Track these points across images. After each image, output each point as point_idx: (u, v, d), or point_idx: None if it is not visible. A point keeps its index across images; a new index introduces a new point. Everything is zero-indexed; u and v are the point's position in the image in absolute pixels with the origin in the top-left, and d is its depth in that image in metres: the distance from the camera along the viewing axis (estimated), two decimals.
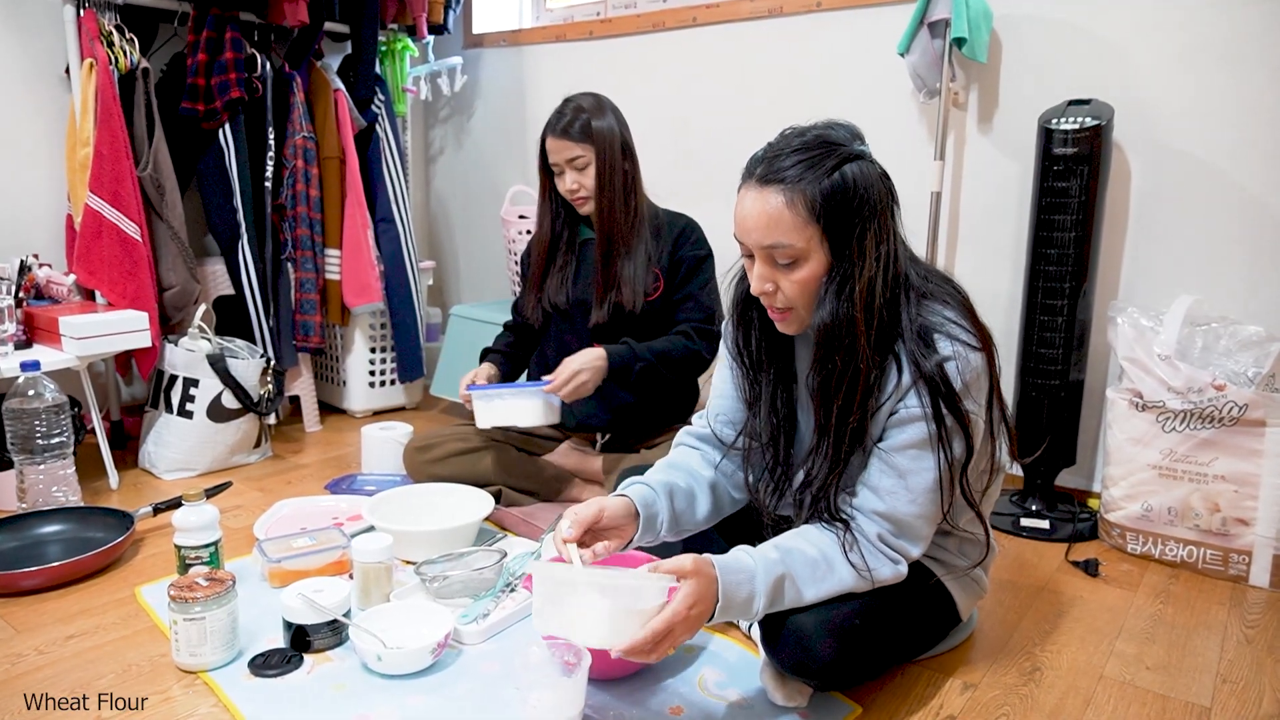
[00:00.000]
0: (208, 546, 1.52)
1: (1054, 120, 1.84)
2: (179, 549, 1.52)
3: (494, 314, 2.63)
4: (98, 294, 2.20)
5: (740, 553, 1.15)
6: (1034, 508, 1.97)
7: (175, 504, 1.78)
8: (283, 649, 1.37)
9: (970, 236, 2.21)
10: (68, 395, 1.91)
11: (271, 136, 2.46)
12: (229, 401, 2.22)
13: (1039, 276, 1.90)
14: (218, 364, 2.19)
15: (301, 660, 1.34)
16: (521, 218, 2.65)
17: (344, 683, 1.29)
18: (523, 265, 2.13)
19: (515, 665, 1.33)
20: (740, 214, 1.17)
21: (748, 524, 1.40)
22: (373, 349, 2.78)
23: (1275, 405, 1.64)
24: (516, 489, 1.95)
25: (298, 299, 2.56)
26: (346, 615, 1.38)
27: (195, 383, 2.19)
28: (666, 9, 2.63)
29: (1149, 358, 1.75)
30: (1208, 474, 1.70)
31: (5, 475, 1.93)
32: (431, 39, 2.97)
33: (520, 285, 2.19)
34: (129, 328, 2.06)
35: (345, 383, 2.80)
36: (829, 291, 1.15)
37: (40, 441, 1.83)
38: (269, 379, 2.31)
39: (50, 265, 2.27)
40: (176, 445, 2.20)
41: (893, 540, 1.18)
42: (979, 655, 1.42)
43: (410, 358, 2.78)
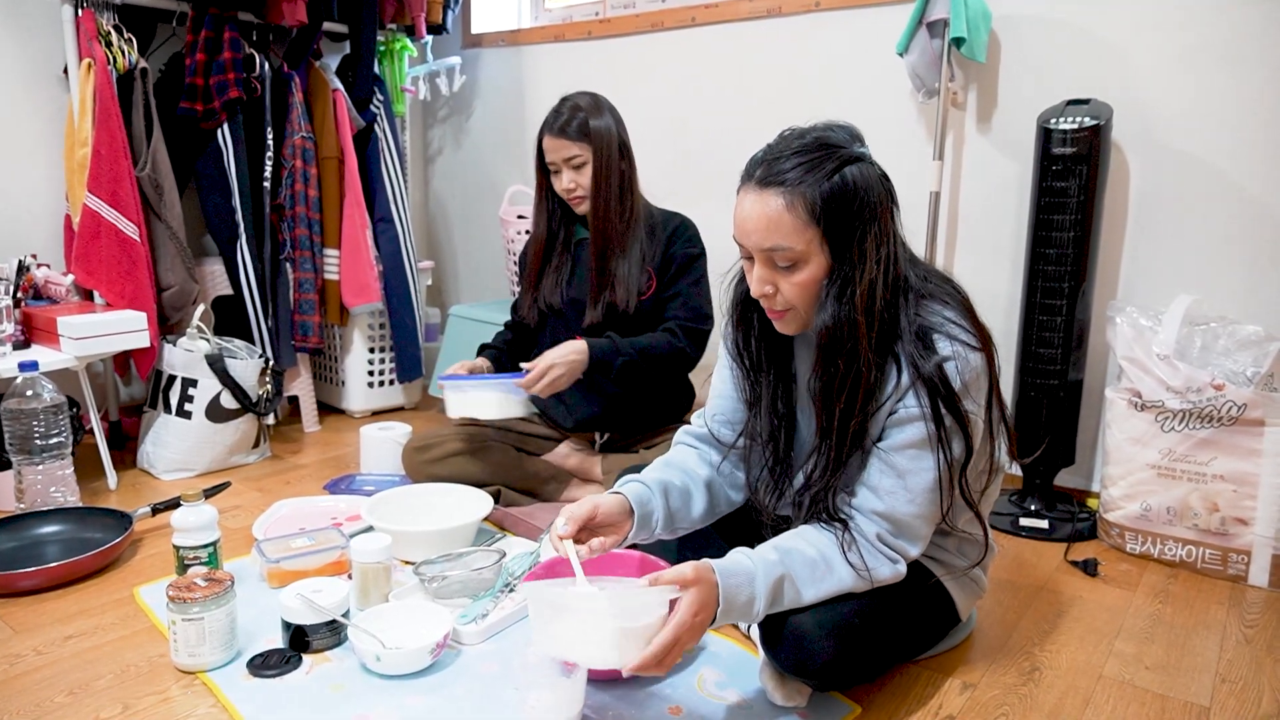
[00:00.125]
0: (206, 547, 1.52)
1: (1053, 120, 1.84)
2: (177, 549, 1.52)
3: (493, 314, 2.63)
4: (96, 294, 2.20)
5: (739, 555, 1.15)
6: (1033, 507, 1.97)
7: (174, 504, 1.78)
8: (281, 649, 1.37)
9: (969, 236, 2.21)
10: (66, 395, 1.91)
11: (270, 136, 2.46)
12: (228, 402, 2.22)
13: (1038, 276, 1.90)
14: (216, 364, 2.19)
15: (300, 660, 1.34)
16: (520, 217, 2.65)
17: (343, 683, 1.29)
18: (521, 265, 2.13)
19: (514, 665, 1.33)
20: (740, 216, 1.17)
21: (747, 524, 1.40)
22: (371, 349, 2.78)
23: (1274, 405, 1.64)
24: (515, 489, 1.95)
25: (296, 299, 2.55)
26: (345, 615, 1.38)
27: (194, 383, 2.19)
28: (665, 9, 2.63)
29: (1148, 357, 1.75)
30: (1207, 474, 1.71)
31: (3, 476, 1.93)
32: (430, 39, 2.97)
33: (519, 285, 2.19)
34: (127, 328, 2.06)
35: (344, 383, 2.80)
36: (829, 295, 1.15)
37: (38, 442, 1.83)
38: (268, 379, 2.31)
39: (48, 265, 2.27)
40: (175, 445, 2.19)
41: (891, 540, 1.18)
42: (978, 655, 1.42)
43: (409, 358, 2.78)
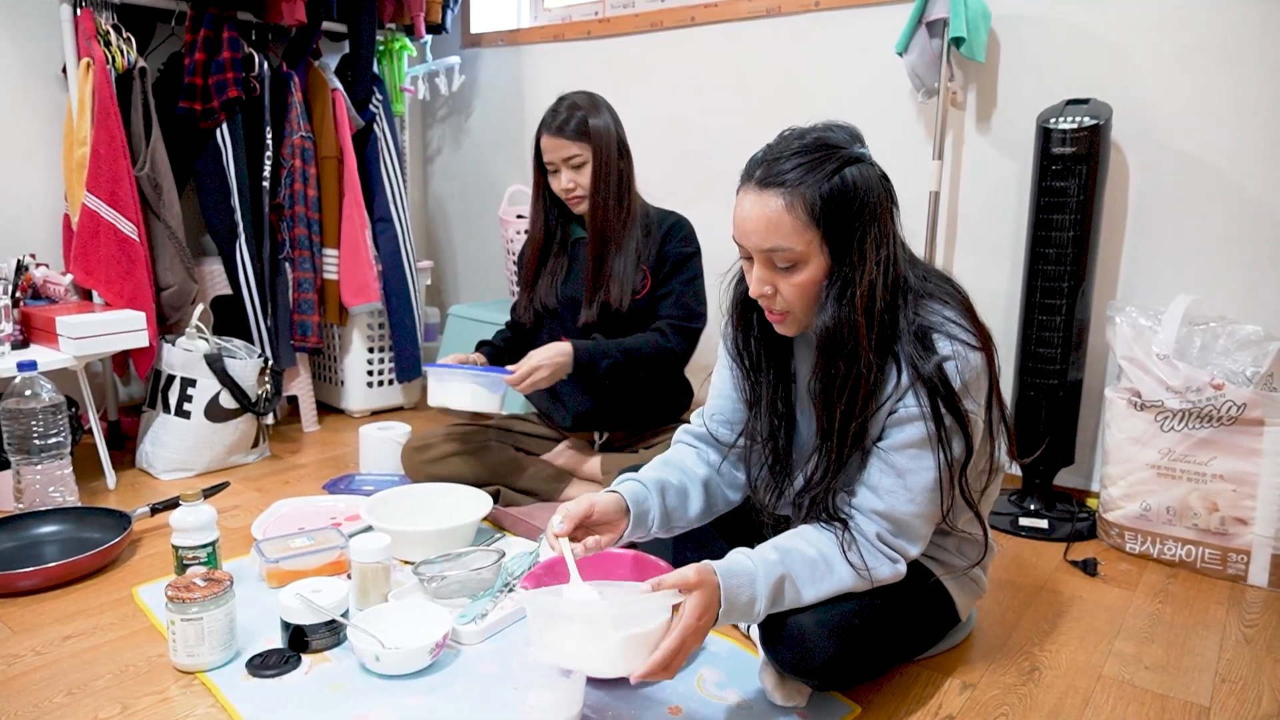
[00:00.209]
0: (205, 547, 1.52)
1: (1052, 120, 1.84)
2: (176, 549, 1.51)
3: (492, 314, 2.63)
4: (95, 294, 2.20)
5: (739, 555, 1.15)
6: (1032, 507, 1.97)
7: (173, 504, 1.78)
8: (281, 649, 1.36)
9: (968, 236, 2.20)
10: (65, 395, 1.90)
11: (269, 136, 2.46)
12: (227, 401, 2.22)
13: (1037, 276, 1.90)
14: (215, 364, 2.19)
15: (299, 660, 1.34)
16: (519, 217, 2.65)
17: (342, 683, 1.29)
18: (519, 265, 2.13)
19: (513, 665, 1.33)
20: (739, 217, 1.17)
21: (747, 524, 1.40)
22: (371, 349, 2.78)
23: (1273, 404, 1.64)
24: (515, 489, 1.95)
25: (295, 299, 2.55)
26: (344, 615, 1.38)
27: (193, 383, 2.19)
28: (664, 8, 2.63)
29: (1147, 357, 1.75)
30: (1206, 473, 1.71)
31: (2, 475, 1.92)
32: (429, 38, 2.96)
33: (518, 285, 2.19)
34: (126, 327, 2.06)
35: (343, 383, 2.80)
36: (829, 296, 1.14)
37: (37, 442, 1.82)
38: (267, 379, 2.31)
39: (47, 265, 2.27)
40: (174, 445, 2.19)
41: (891, 539, 1.18)
42: (978, 655, 1.42)
43: (408, 358, 2.77)
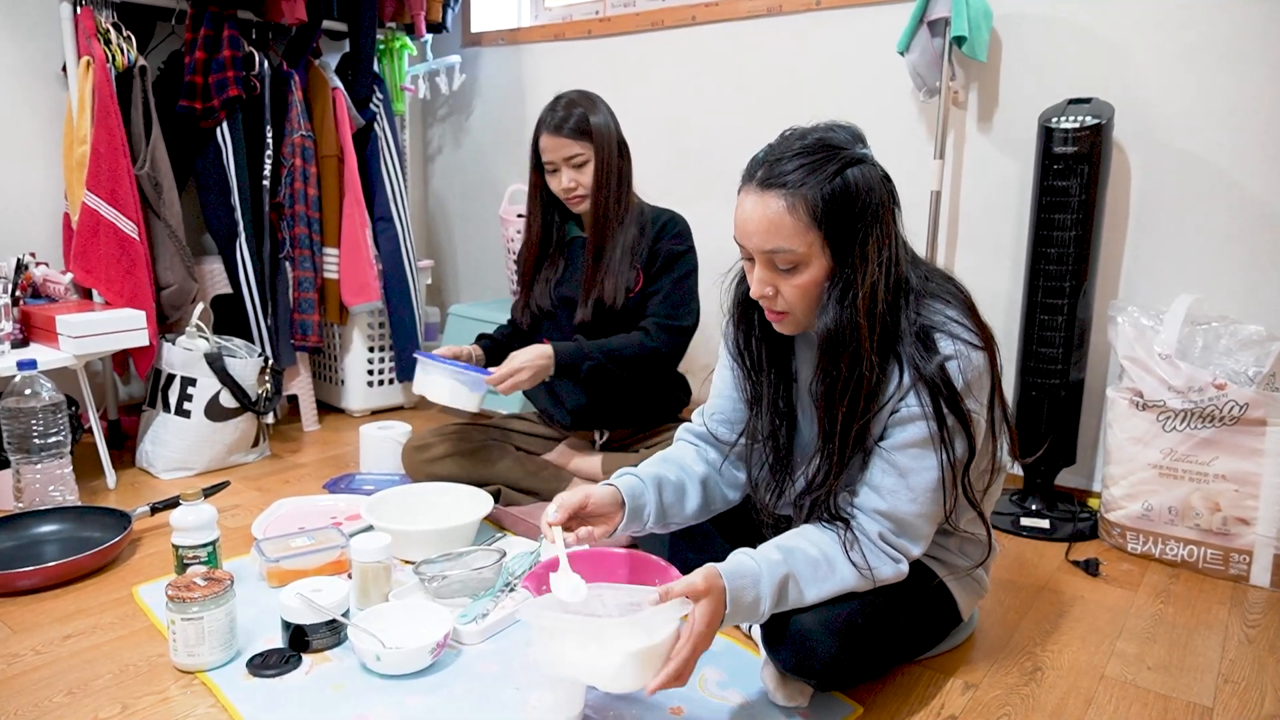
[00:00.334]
0: (205, 546, 1.51)
1: (1054, 119, 1.84)
2: (177, 548, 1.51)
3: (492, 313, 2.63)
4: (95, 293, 2.19)
5: (742, 556, 1.14)
6: (1034, 507, 1.97)
7: (173, 503, 1.78)
8: (281, 649, 1.36)
9: (970, 236, 2.20)
10: (65, 394, 1.90)
11: (269, 135, 2.45)
12: (227, 400, 2.22)
13: (1039, 276, 1.89)
14: (215, 363, 2.18)
15: (300, 660, 1.34)
16: (520, 216, 2.64)
17: (342, 683, 1.29)
18: (517, 267, 2.13)
19: (514, 665, 1.33)
20: (740, 218, 1.16)
21: (748, 523, 1.40)
22: (371, 348, 2.78)
23: (1276, 404, 1.64)
24: (515, 488, 1.94)
25: (296, 298, 2.55)
26: (345, 615, 1.38)
27: (193, 382, 2.18)
28: (665, 7, 2.63)
29: (1149, 357, 1.75)
30: (1208, 473, 1.70)
31: (2, 475, 1.92)
32: (430, 37, 2.96)
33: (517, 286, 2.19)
34: (126, 326, 2.05)
35: (343, 382, 2.80)
36: (831, 297, 1.14)
37: (37, 441, 1.82)
38: (267, 378, 2.30)
39: (47, 264, 2.26)
40: (174, 444, 2.19)
41: (893, 539, 1.18)
42: (980, 655, 1.42)
43: (409, 357, 2.77)
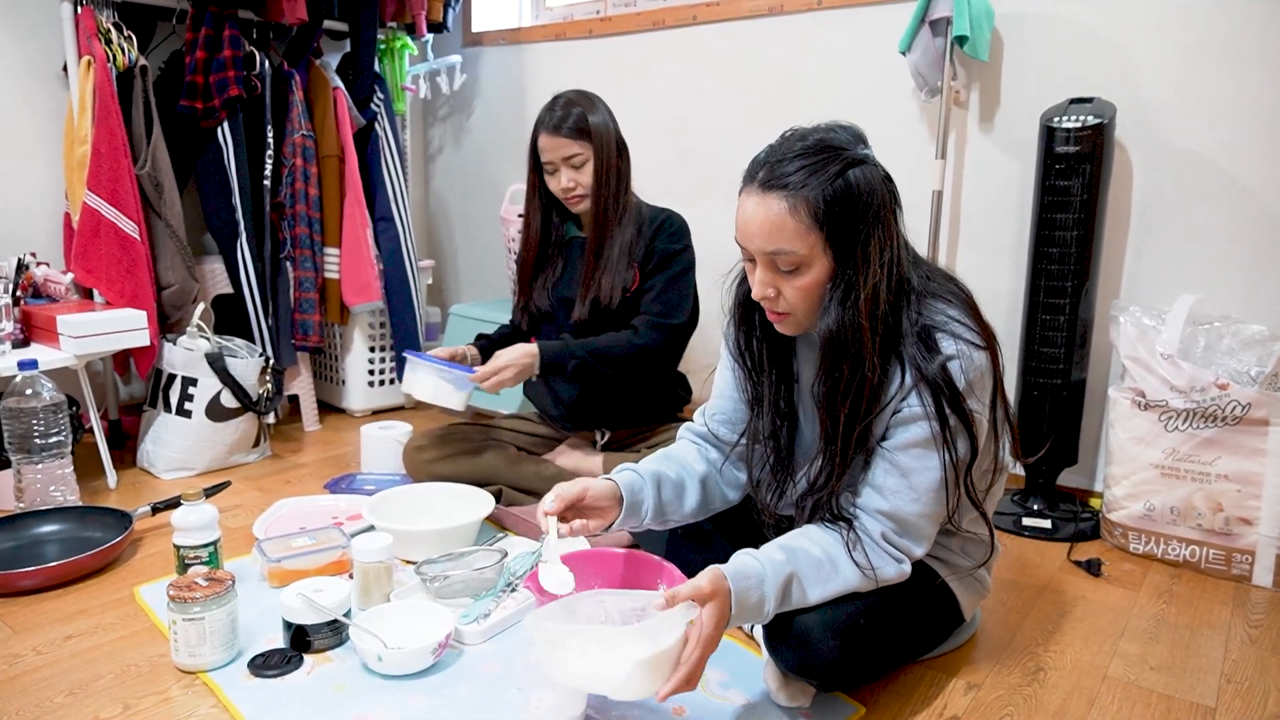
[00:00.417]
0: (207, 546, 1.51)
1: (1056, 119, 1.84)
2: (178, 549, 1.51)
3: (493, 313, 2.63)
4: (96, 293, 2.19)
5: (745, 557, 1.14)
6: (1036, 507, 1.97)
7: (174, 503, 1.77)
8: (282, 649, 1.36)
9: (972, 235, 2.20)
10: (65, 394, 1.90)
11: (270, 135, 2.45)
12: (228, 400, 2.21)
13: (1041, 275, 1.89)
14: (216, 363, 2.18)
15: (301, 660, 1.34)
16: (521, 216, 2.64)
17: (344, 683, 1.29)
18: (517, 268, 2.13)
19: (516, 665, 1.33)
20: (742, 219, 1.16)
21: (749, 523, 1.40)
22: (372, 348, 2.78)
23: (1278, 404, 1.63)
24: (517, 488, 1.94)
25: (297, 298, 2.55)
26: (346, 615, 1.38)
27: (194, 382, 2.18)
28: (666, 7, 2.63)
29: (1151, 357, 1.75)
30: (1210, 473, 1.70)
31: (3, 475, 1.92)
32: (430, 37, 2.96)
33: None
34: (127, 326, 2.05)
35: (344, 382, 2.79)
36: (833, 299, 1.14)
37: (38, 441, 1.82)
38: (268, 378, 2.30)
39: (48, 264, 2.26)
40: (175, 444, 2.19)
41: (896, 539, 1.17)
42: (982, 655, 1.42)
43: (402, 357, 2.77)
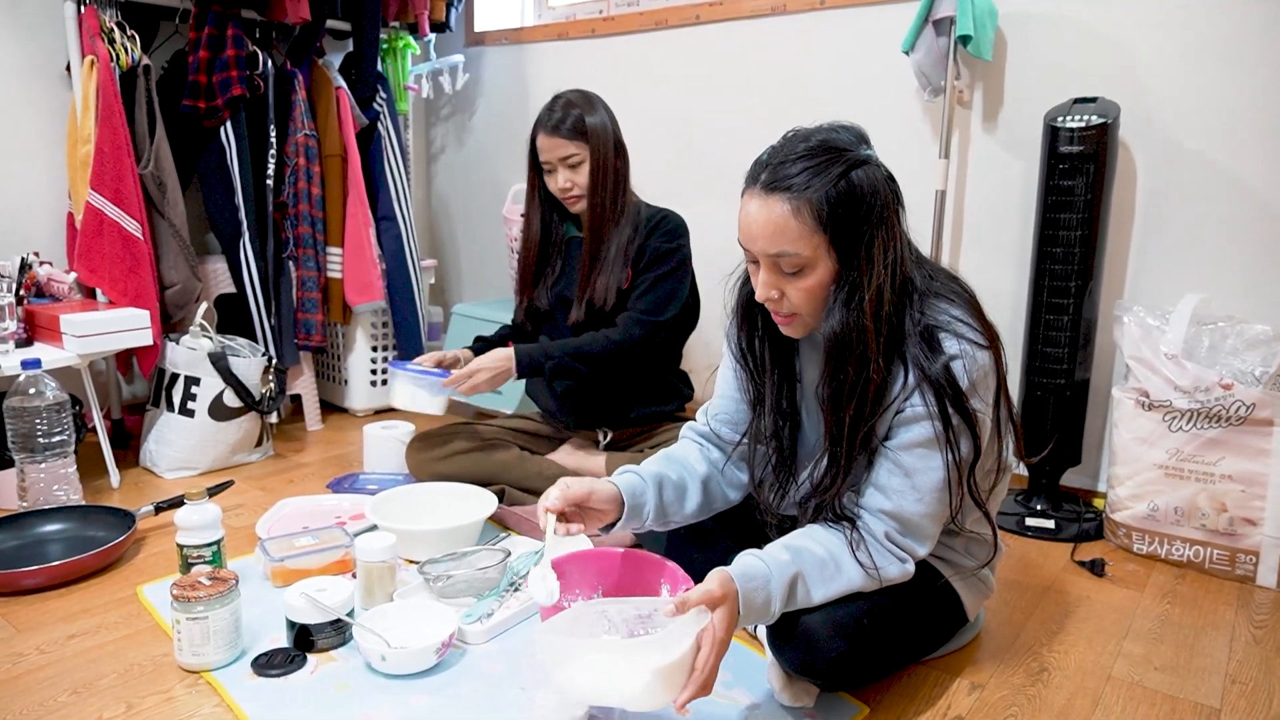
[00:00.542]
0: (210, 545, 1.52)
1: (1059, 118, 1.83)
2: (181, 548, 1.51)
3: (495, 312, 2.62)
4: (99, 292, 2.19)
5: (750, 558, 1.14)
6: (1039, 507, 1.97)
7: (177, 503, 1.78)
8: (286, 649, 1.36)
9: (975, 235, 2.20)
10: (69, 393, 1.90)
11: (273, 134, 2.45)
12: (230, 400, 2.21)
13: (1044, 275, 1.89)
14: (219, 362, 2.18)
15: (305, 660, 1.34)
16: (523, 216, 2.64)
17: (347, 682, 1.29)
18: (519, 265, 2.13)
19: (519, 664, 1.33)
20: (744, 221, 1.15)
21: (752, 523, 1.40)
22: (374, 348, 2.78)
23: None
24: (519, 488, 1.94)
25: (299, 297, 2.55)
26: (350, 615, 1.38)
27: (197, 381, 2.18)
28: (669, 7, 2.62)
29: (1155, 357, 1.74)
30: (1214, 474, 1.70)
31: (6, 474, 1.92)
32: (433, 37, 2.96)
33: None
34: (130, 326, 2.05)
35: (347, 381, 2.79)
36: (837, 300, 1.14)
37: (41, 440, 1.82)
38: (270, 377, 2.30)
39: (51, 263, 2.26)
40: (178, 444, 2.19)
41: (899, 539, 1.17)
42: (986, 655, 1.41)
43: (412, 357, 2.76)
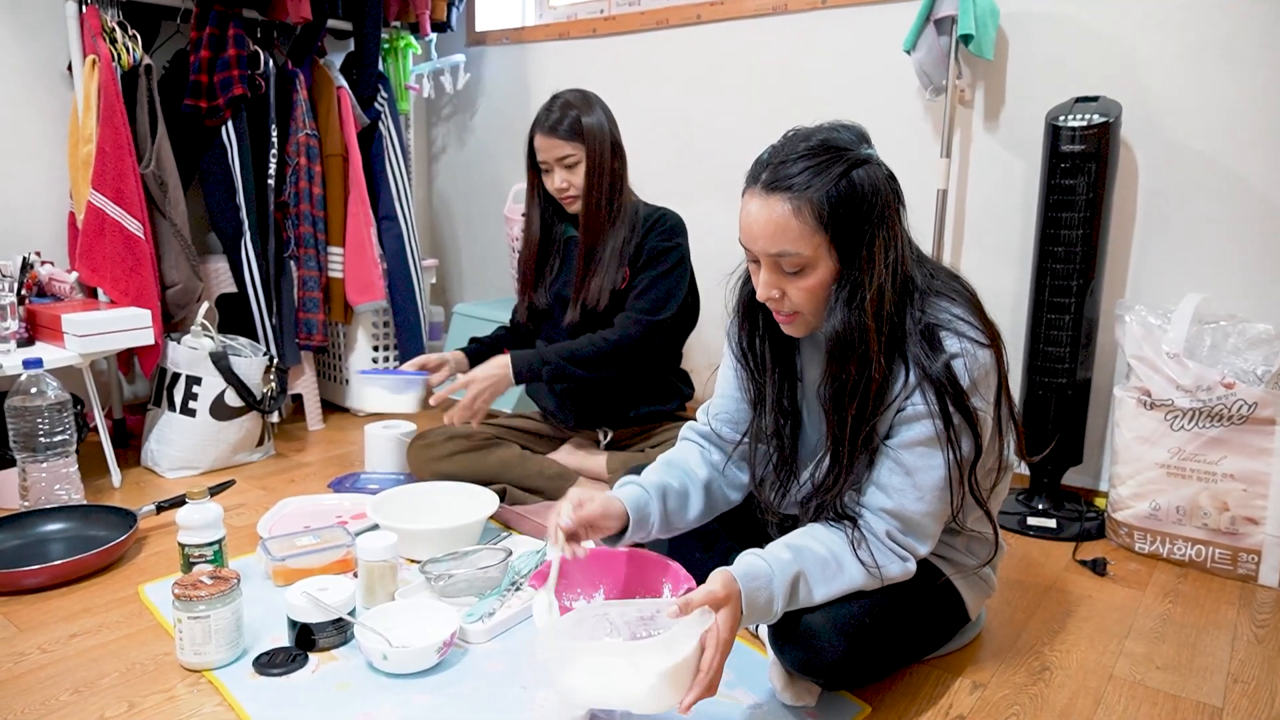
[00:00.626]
0: (211, 545, 1.52)
1: (1061, 117, 1.83)
2: (183, 547, 1.51)
3: (496, 312, 2.63)
4: (100, 291, 2.19)
5: (752, 557, 1.14)
6: (1041, 506, 1.96)
7: (178, 502, 1.78)
8: (287, 648, 1.36)
9: (976, 234, 2.19)
10: (70, 393, 1.90)
11: (274, 134, 2.45)
12: (232, 399, 2.22)
13: (1046, 274, 1.89)
14: (220, 362, 2.18)
15: (306, 659, 1.34)
16: (524, 215, 2.64)
17: (349, 681, 1.29)
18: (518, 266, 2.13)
19: (521, 664, 1.33)
20: (745, 221, 1.15)
21: (753, 523, 1.40)
22: (376, 347, 2.78)
23: None
24: (521, 487, 1.94)
25: (300, 297, 2.55)
26: (351, 614, 1.38)
27: (198, 381, 2.18)
28: (670, 6, 2.62)
29: (1157, 356, 1.74)
30: (1216, 473, 1.70)
31: (8, 473, 1.92)
32: (434, 36, 2.96)
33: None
34: (131, 325, 2.05)
35: (348, 381, 2.79)
36: (839, 300, 1.13)
37: (43, 439, 1.82)
38: (272, 377, 2.30)
39: (52, 262, 2.26)
40: (179, 443, 2.19)
41: (901, 538, 1.17)
42: (987, 655, 1.41)
43: (413, 356, 2.76)
